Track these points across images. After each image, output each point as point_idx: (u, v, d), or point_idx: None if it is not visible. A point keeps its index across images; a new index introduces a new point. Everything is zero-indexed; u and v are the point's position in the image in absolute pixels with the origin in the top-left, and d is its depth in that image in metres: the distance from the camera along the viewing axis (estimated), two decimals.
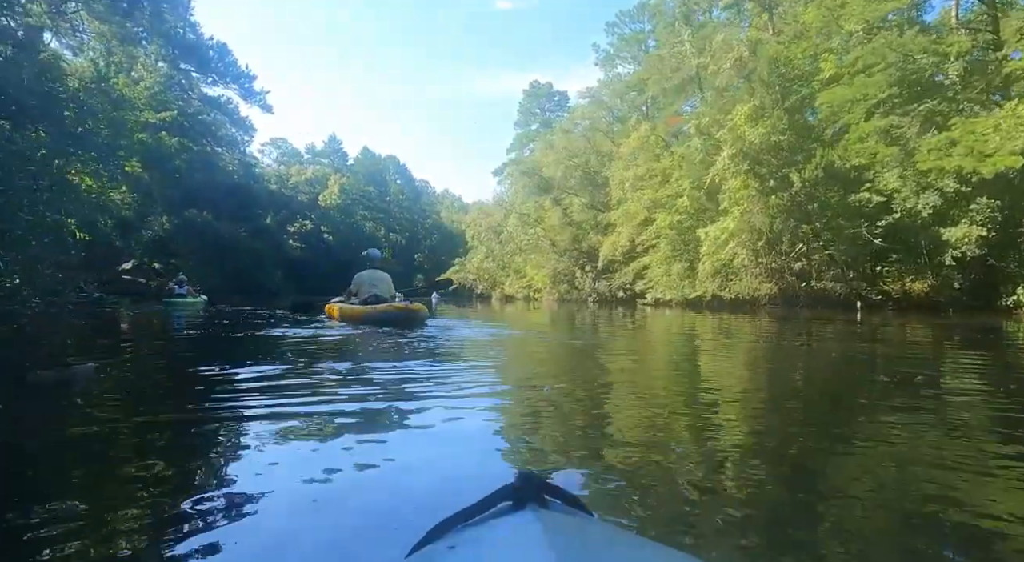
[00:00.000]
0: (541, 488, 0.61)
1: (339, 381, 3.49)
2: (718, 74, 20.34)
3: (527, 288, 39.34)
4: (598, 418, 2.64)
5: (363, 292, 7.68)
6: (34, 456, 2.05)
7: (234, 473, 1.77)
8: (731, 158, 16.44)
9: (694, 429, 2.43)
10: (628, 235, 25.09)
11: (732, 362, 5.06)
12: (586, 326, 10.41)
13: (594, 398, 3.17)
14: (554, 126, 42.99)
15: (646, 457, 1.92)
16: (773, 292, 17.95)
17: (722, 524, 1.37)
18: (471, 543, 0.54)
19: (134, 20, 22.13)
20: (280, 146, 67.53)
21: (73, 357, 4.09)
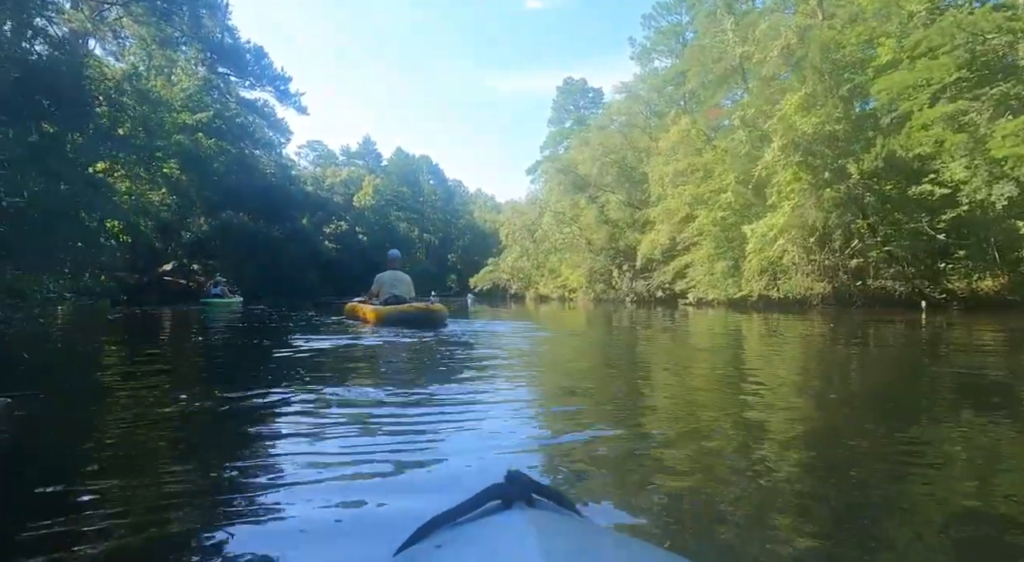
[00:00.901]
0: (530, 488, 0.61)
1: (356, 378, 3.41)
2: (764, 63, 19.39)
3: (562, 288, 38.76)
4: (630, 418, 2.49)
5: (384, 292, 7.72)
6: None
7: (223, 467, 1.75)
8: (781, 149, 15.54)
9: (734, 433, 2.23)
10: (668, 233, 24.25)
11: (781, 365, 4.55)
12: (624, 326, 9.87)
13: (629, 398, 3.01)
14: (589, 123, 42.22)
15: (679, 464, 1.80)
16: (826, 291, 16.96)
17: (759, 539, 1.27)
18: (458, 542, 0.54)
19: (172, 24, 22.40)
20: (316, 148, 68.49)
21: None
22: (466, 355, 4.75)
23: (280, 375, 3.67)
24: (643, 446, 1.99)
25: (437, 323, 6.87)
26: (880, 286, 16.10)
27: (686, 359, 5.19)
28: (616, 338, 7.50)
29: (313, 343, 5.52)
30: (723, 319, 12.08)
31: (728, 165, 20.30)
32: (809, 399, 3.02)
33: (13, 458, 1.96)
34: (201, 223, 27.10)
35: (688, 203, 22.67)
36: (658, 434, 2.18)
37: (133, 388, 3.31)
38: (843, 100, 15.50)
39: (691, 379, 3.82)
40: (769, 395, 3.06)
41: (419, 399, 2.73)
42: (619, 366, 4.71)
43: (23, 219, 9.34)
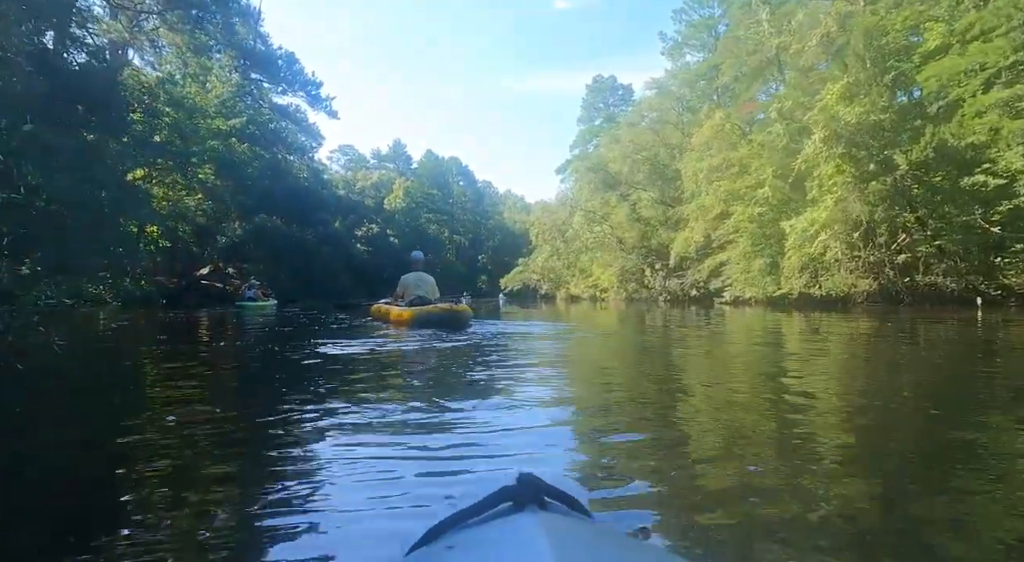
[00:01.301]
0: (541, 490, 0.61)
1: (386, 377, 3.39)
2: (802, 53, 18.77)
3: (593, 288, 38.34)
4: (660, 420, 2.40)
5: (409, 294, 7.82)
6: None
7: (236, 467, 1.75)
8: (823, 141, 14.93)
9: (772, 439, 2.08)
10: (702, 230, 23.69)
11: (825, 366, 4.25)
12: (657, 326, 9.52)
13: (660, 399, 2.91)
14: (619, 120, 41.69)
15: (707, 469, 1.72)
16: (871, 289, 16.25)
17: (793, 553, 1.18)
18: (469, 543, 0.54)
19: (206, 32, 22.85)
20: (347, 152, 69.43)
21: None
22: (497, 356, 4.61)
23: (306, 376, 3.62)
24: (671, 450, 1.91)
25: (462, 324, 6.92)
26: (930, 283, 15.35)
27: (723, 360, 4.91)
28: (650, 338, 7.20)
29: (341, 344, 5.48)
30: (761, 318, 11.61)
31: (765, 159, 19.70)
32: (856, 405, 2.77)
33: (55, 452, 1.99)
34: (235, 227, 27.57)
35: (723, 199, 22.09)
36: (687, 438, 2.08)
37: (147, 395, 3.23)
38: (888, 88, 14.82)
39: (728, 381, 3.61)
40: (812, 399, 2.84)
41: (446, 400, 2.67)
42: (652, 367, 4.46)
43: (61, 222, 9.56)
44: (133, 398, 3.09)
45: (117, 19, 21.09)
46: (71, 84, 10.14)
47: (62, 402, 2.99)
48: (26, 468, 1.82)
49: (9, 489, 1.62)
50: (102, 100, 10.67)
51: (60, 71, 10.22)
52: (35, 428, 2.37)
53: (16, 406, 2.76)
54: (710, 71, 30.31)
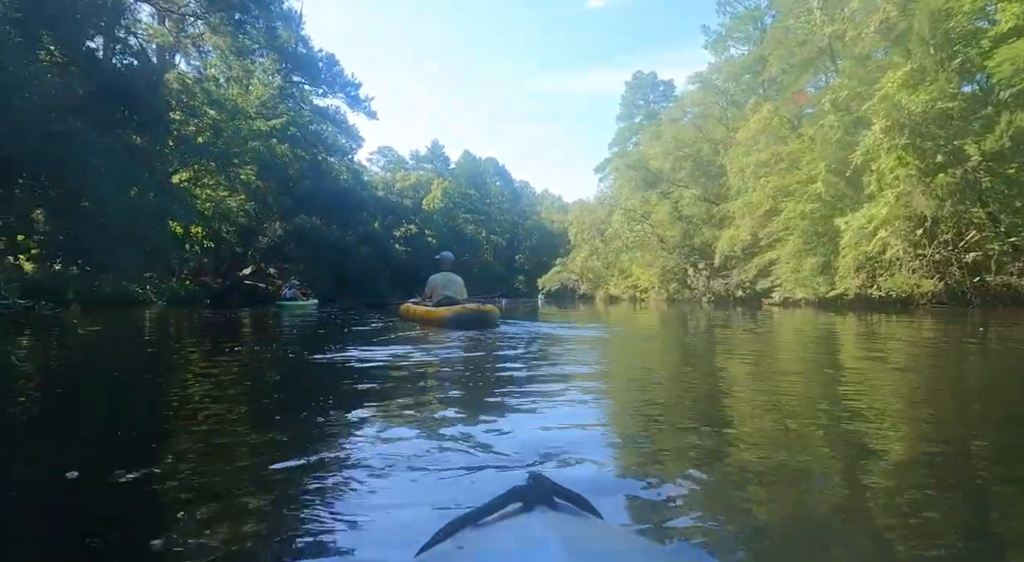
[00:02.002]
0: (551, 490, 0.62)
1: (410, 377, 3.36)
2: (858, 41, 17.76)
3: (632, 288, 37.59)
4: (692, 424, 2.30)
5: (437, 294, 7.88)
6: None
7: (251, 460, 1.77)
8: (884, 132, 14.01)
9: (810, 449, 1.94)
10: (749, 228, 22.78)
11: (887, 374, 3.82)
12: (701, 328, 9.01)
13: (697, 403, 2.77)
14: (660, 117, 40.73)
15: (734, 474, 1.63)
16: (936, 289, 15.20)
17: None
18: (479, 543, 0.55)
19: (248, 35, 23.21)
20: (387, 154, 70.09)
21: None
22: (530, 359, 4.38)
23: (333, 374, 3.62)
24: (698, 455, 1.82)
25: (489, 323, 6.94)
26: (1003, 283, 14.25)
27: (771, 364, 4.49)
28: (693, 340, 6.77)
29: (370, 343, 5.48)
30: (813, 320, 10.91)
31: (817, 153, 18.77)
32: (920, 418, 2.49)
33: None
34: (276, 228, 27.94)
35: (772, 196, 21.19)
36: (719, 444, 1.97)
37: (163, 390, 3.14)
38: (956, 74, 13.80)
39: (775, 386, 3.32)
40: (865, 408, 2.53)
41: (470, 401, 2.61)
42: (693, 371, 4.10)
43: (101, 222, 9.68)
44: (161, 390, 3.15)
45: (163, 24, 21.65)
46: (113, 85, 10.25)
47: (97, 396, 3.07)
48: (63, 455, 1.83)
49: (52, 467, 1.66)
50: (143, 100, 10.77)
51: (103, 72, 10.35)
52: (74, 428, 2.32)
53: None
54: (756, 64, 29.23)
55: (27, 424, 2.34)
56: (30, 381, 3.56)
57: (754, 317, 12.23)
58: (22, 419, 2.44)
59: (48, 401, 2.89)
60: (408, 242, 48.61)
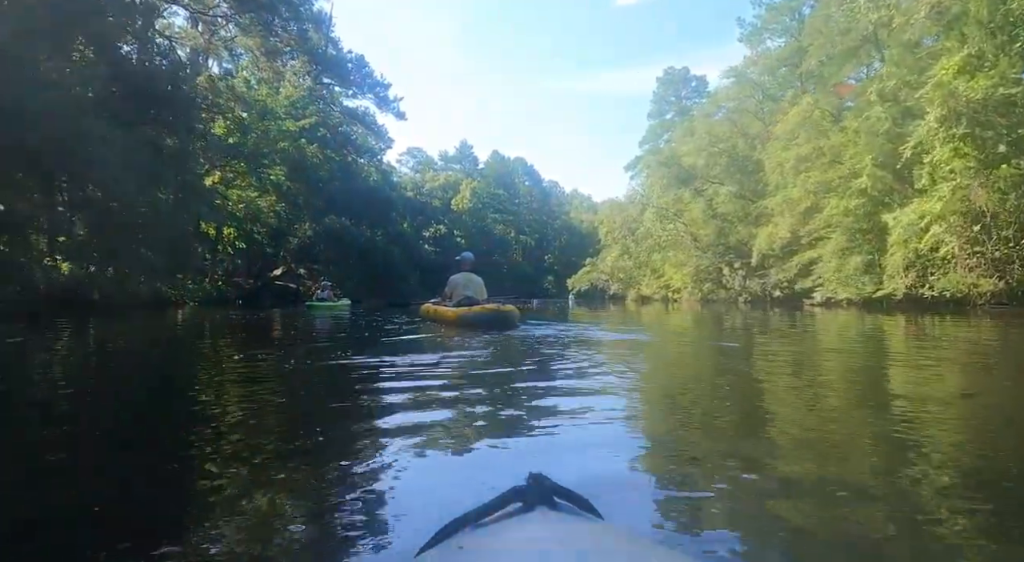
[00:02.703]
0: (551, 490, 0.62)
1: (428, 378, 3.31)
2: (907, 27, 16.83)
3: (665, 288, 36.82)
4: (729, 427, 2.20)
5: (457, 294, 7.93)
6: None
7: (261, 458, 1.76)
8: (939, 121, 13.17)
9: (858, 456, 1.79)
10: (788, 225, 21.91)
11: (940, 379, 3.48)
12: (738, 329, 8.48)
13: (737, 407, 2.61)
14: (693, 113, 39.79)
15: (748, 480, 1.53)
16: (996, 289, 14.25)
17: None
18: (480, 544, 0.55)
19: (279, 37, 23.32)
20: (416, 155, 70.41)
21: None
22: (556, 361, 4.14)
23: (353, 373, 3.60)
24: (712, 460, 1.75)
25: (508, 324, 6.93)
26: None
27: (815, 368, 4.07)
28: (729, 343, 6.28)
29: (392, 343, 5.56)
30: (859, 321, 10.25)
31: (862, 146, 17.89)
32: (986, 430, 2.23)
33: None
34: (306, 229, 28.06)
35: (813, 191, 20.32)
36: (735, 449, 1.86)
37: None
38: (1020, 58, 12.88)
39: (817, 392, 3.04)
40: (926, 422, 2.22)
41: (488, 403, 2.51)
42: (730, 375, 3.70)
43: (125, 221, 9.66)
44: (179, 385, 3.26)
45: (197, 27, 21.89)
46: (138, 83, 10.22)
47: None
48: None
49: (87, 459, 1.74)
50: (168, 99, 10.72)
51: (130, 71, 10.32)
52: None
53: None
54: (793, 56, 28.25)
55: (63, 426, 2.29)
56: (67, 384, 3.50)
57: (795, 318, 11.59)
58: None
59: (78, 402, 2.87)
60: (437, 242, 48.65)
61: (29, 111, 7.22)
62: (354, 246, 29.45)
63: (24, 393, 3.07)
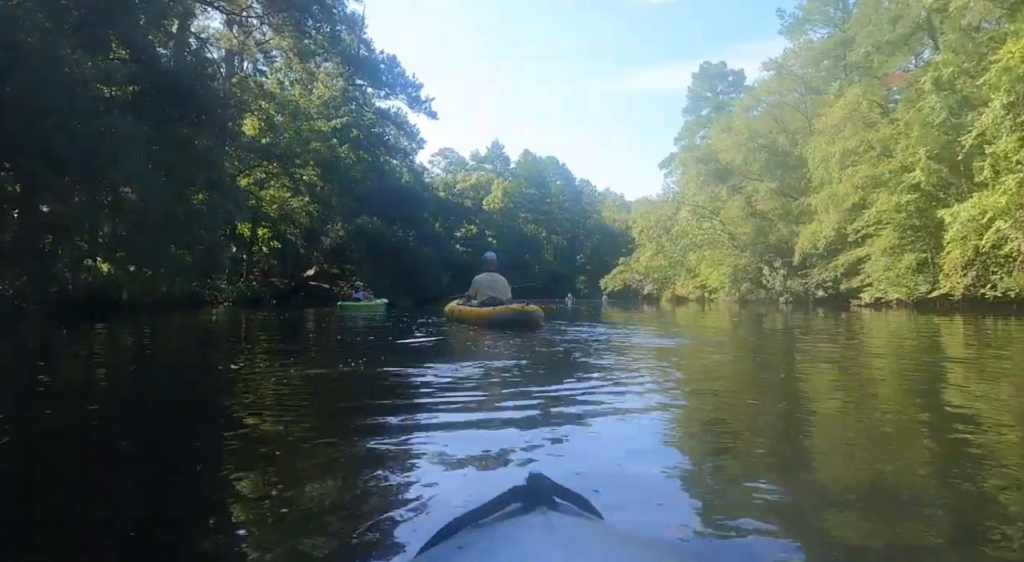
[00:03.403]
0: (551, 490, 0.61)
1: (450, 379, 3.15)
2: (965, 11, 15.87)
3: (701, 288, 35.95)
4: (760, 433, 2.04)
5: (481, 294, 7.91)
6: None
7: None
8: (1005, 108, 12.30)
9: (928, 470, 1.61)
10: (834, 222, 20.98)
11: (1005, 386, 3.09)
12: (781, 331, 7.93)
13: (772, 413, 2.42)
14: (730, 108, 38.77)
15: (756, 481, 1.50)
16: None
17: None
18: (480, 544, 0.55)
19: (311, 38, 23.42)
20: (448, 156, 70.57)
21: None
22: (583, 365, 3.91)
23: (374, 373, 3.55)
24: (723, 461, 1.70)
25: (531, 324, 6.87)
26: None
27: (867, 373, 3.62)
28: (772, 346, 5.80)
29: (415, 340, 5.60)
30: (913, 323, 9.55)
31: (915, 138, 16.96)
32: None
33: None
34: (338, 229, 28.18)
35: (860, 187, 19.39)
36: (774, 454, 1.77)
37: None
38: None
39: (867, 399, 2.74)
40: (992, 438, 1.91)
41: (506, 408, 2.39)
42: (772, 380, 3.33)
43: (150, 219, 9.61)
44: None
45: (232, 30, 22.14)
46: (164, 79, 10.19)
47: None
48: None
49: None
50: (195, 95, 10.68)
51: (157, 68, 10.30)
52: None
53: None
54: (838, 47, 27.22)
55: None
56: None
57: (841, 320, 10.92)
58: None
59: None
60: (468, 242, 48.58)
61: (52, 108, 7.20)
62: (386, 246, 29.46)
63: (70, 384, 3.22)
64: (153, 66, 10.20)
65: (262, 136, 17.77)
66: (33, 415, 2.40)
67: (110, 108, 9.13)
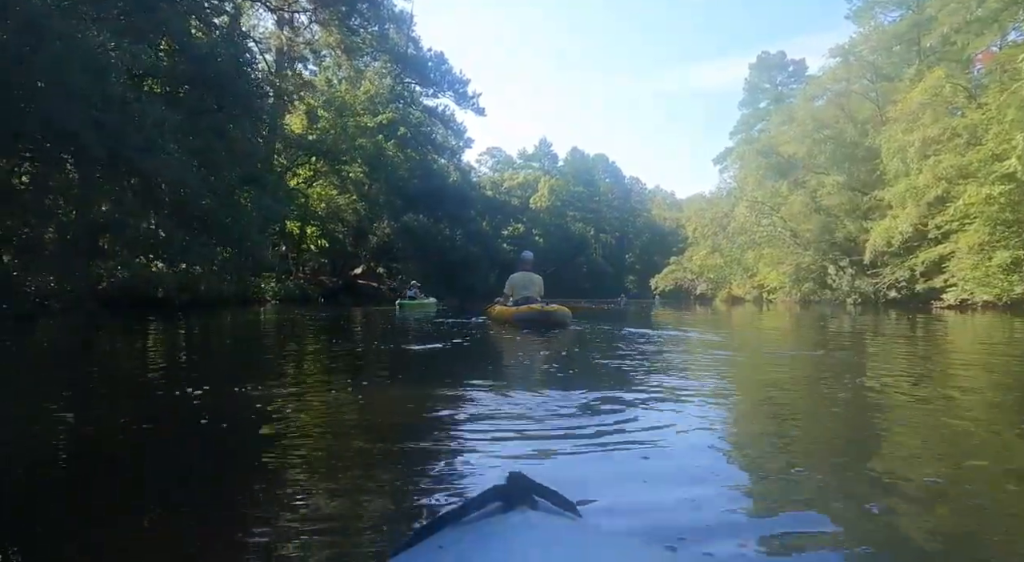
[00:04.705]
0: (531, 489, 0.62)
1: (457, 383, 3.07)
2: None
3: (758, 288, 34.24)
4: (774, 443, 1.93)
5: (516, 293, 8.00)
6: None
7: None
8: None
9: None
10: (911, 218, 19.33)
11: None
12: (852, 336, 6.93)
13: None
14: (791, 100, 36.85)
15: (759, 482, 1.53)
16: None
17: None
18: (460, 543, 0.55)
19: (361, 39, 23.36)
20: (495, 155, 70.35)
21: None
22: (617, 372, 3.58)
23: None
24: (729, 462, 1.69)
25: (552, 324, 7.02)
26: None
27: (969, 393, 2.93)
28: (853, 357, 4.88)
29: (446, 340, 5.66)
30: (1007, 327, 8.40)
31: (1010, 123, 15.36)
32: None
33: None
34: (385, 227, 28.12)
35: (944, 178, 17.76)
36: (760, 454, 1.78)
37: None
38: None
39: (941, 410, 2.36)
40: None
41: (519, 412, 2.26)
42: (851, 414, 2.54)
43: (191, 213, 9.43)
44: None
45: (282, 30, 22.30)
46: (200, 68, 9.98)
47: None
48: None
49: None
50: (231, 85, 10.43)
51: (195, 57, 10.10)
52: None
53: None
54: (912, 30, 25.32)
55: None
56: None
57: (922, 324, 9.79)
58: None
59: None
60: (515, 241, 48.01)
61: (70, 92, 7.01)
62: (433, 245, 29.25)
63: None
64: (189, 53, 10.02)
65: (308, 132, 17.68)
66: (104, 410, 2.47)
67: (140, 96, 8.96)
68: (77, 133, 7.09)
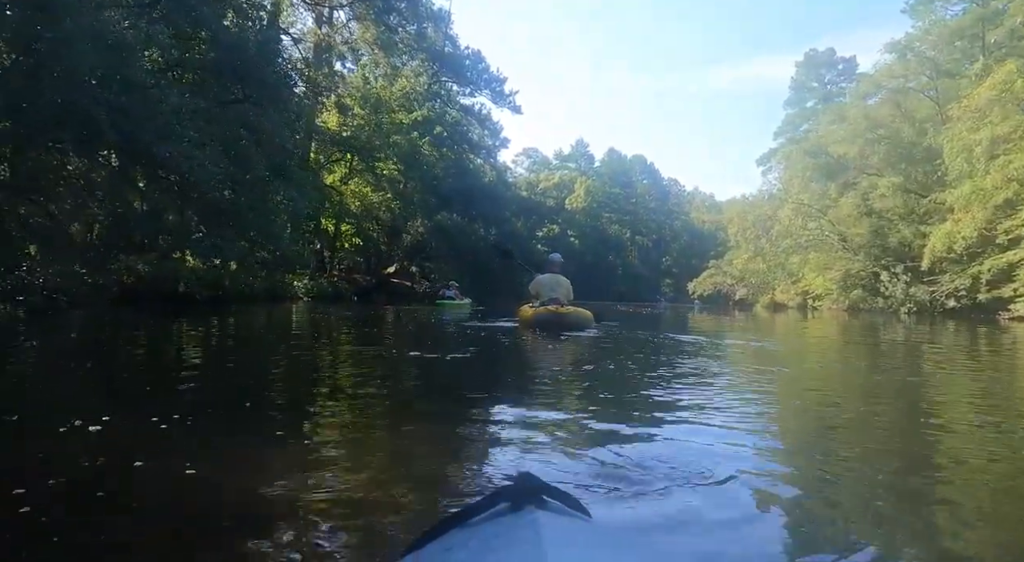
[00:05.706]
0: (540, 489, 0.62)
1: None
2: None
3: (803, 295, 32.84)
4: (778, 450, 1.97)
5: (542, 295, 7.91)
6: None
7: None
8: None
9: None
10: (977, 222, 18.05)
11: None
12: (916, 353, 6.26)
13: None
14: (841, 98, 35.37)
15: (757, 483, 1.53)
16: None
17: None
18: (468, 544, 0.55)
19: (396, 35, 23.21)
20: (531, 155, 69.95)
21: None
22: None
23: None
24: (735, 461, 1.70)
25: (567, 327, 7.00)
26: None
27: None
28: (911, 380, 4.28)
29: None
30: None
31: None
32: None
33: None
34: (418, 226, 27.95)
35: (1015, 179, 16.50)
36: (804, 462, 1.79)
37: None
38: None
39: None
40: None
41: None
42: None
43: (214, 205, 9.21)
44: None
45: (320, 28, 22.31)
46: (226, 55, 9.74)
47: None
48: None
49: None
50: (256, 71, 10.17)
51: (217, 41, 9.87)
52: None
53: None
54: (976, 24, 23.90)
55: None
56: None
57: (986, 335, 8.90)
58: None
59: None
60: (550, 242, 47.43)
61: (81, 72, 6.80)
62: (467, 244, 28.94)
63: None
64: (214, 39, 9.83)
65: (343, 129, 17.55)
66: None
67: (159, 81, 8.78)
68: (90, 115, 6.90)
